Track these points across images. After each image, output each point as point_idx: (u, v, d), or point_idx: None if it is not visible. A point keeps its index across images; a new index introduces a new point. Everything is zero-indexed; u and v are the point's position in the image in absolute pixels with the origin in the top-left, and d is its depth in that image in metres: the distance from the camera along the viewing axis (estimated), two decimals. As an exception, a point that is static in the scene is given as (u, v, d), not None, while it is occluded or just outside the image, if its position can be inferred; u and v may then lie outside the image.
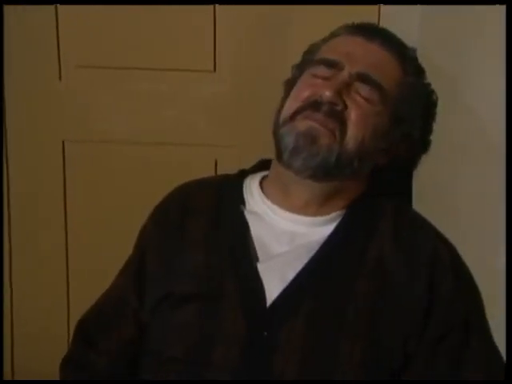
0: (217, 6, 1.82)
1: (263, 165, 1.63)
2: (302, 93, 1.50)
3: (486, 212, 1.51)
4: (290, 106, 1.51)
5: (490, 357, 1.46)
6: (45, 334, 1.96)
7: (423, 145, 1.62)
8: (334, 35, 1.59)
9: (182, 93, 1.87)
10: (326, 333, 1.39)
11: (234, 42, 1.85)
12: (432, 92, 1.60)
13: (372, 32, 1.55)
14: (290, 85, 1.58)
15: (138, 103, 1.89)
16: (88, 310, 1.60)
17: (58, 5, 1.83)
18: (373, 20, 1.74)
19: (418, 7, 1.66)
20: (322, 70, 1.50)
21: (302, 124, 1.46)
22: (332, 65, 1.50)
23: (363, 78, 1.48)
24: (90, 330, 1.57)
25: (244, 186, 1.59)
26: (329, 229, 1.50)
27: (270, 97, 1.58)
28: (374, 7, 1.78)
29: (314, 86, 1.49)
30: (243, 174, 1.63)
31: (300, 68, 1.59)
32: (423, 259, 1.46)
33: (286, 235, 1.50)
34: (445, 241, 1.53)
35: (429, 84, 1.60)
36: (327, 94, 1.45)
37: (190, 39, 1.84)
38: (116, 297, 1.58)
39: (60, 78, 1.88)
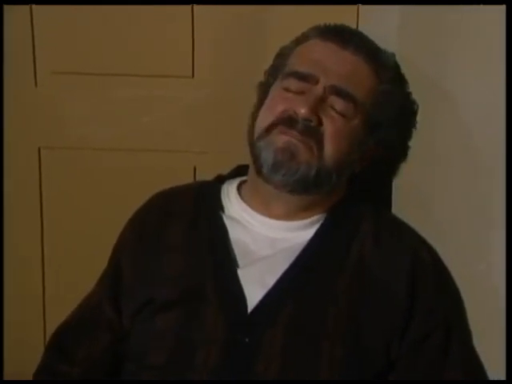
0: (195, 10, 1.79)
1: (240, 170, 1.63)
2: (275, 107, 1.48)
3: (468, 216, 1.50)
4: (265, 118, 1.49)
5: (469, 361, 1.46)
6: (20, 344, 1.93)
7: (402, 151, 1.61)
8: (305, 38, 1.56)
9: (160, 99, 1.85)
10: (307, 337, 1.39)
11: (213, 47, 1.82)
12: (410, 98, 1.58)
13: (345, 37, 1.52)
14: (263, 91, 1.56)
15: (116, 109, 1.86)
16: (63, 321, 1.59)
17: (34, 9, 1.80)
18: (351, 20, 1.73)
19: (397, 7, 1.65)
20: (295, 84, 1.48)
21: (280, 139, 1.45)
22: (305, 78, 1.47)
23: (337, 92, 1.46)
24: (64, 341, 1.56)
25: (222, 191, 1.58)
26: (309, 233, 1.50)
27: (250, 103, 1.57)
28: (353, 7, 1.75)
29: (288, 100, 1.47)
30: (220, 180, 1.62)
31: (272, 74, 1.56)
32: (404, 261, 1.47)
33: (265, 240, 1.50)
34: (425, 243, 1.54)
35: (406, 91, 1.58)
36: (302, 111, 1.43)
37: (168, 44, 1.82)
38: (90, 306, 1.58)
39: (36, 84, 1.85)
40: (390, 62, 1.57)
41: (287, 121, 1.45)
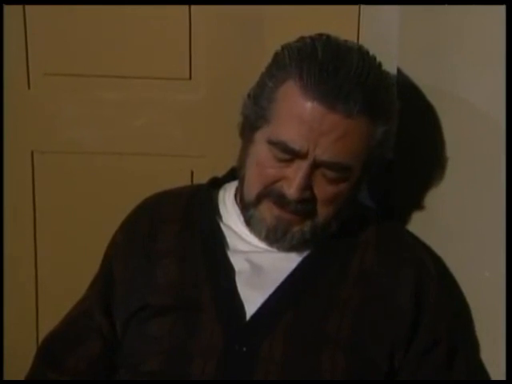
0: (193, 10, 1.76)
1: (236, 173, 1.58)
2: (263, 175, 1.41)
3: (471, 222, 1.49)
4: (253, 185, 1.43)
5: (474, 370, 1.46)
6: (13, 346, 1.92)
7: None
8: (285, 73, 1.40)
9: (156, 101, 1.82)
10: (307, 347, 1.36)
11: (211, 48, 1.80)
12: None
13: (332, 95, 1.34)
14: (246, 139, 1.48)
15: (111, 112, 1.83)
16: (53, 328, 1.57)
17: (27, 11, 1.77)
18: (353, 20, 1.71)
19: (399, 7, 1.64)
20: (282, 155, 1.38)
21: (271, 213, 1.42)
22: (293, 152, 1.37)
23: (328, 166, 1.37)
24: (54, 349, 1.54)
25: (219, 197, 1.56)
26: (310, 243, 1.46)
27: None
28: (354, 7, 1.72)
29: (276, 168, 1.40)
30: (216, 183, 1.59)
31: (254, 116, 1.45)
32: (408, 270, 1.44)
33: (263, 251, 1.47)
34: (429, 252, 1.53)
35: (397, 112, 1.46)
36: (291, 191, 1.37)
37: (165, 46, 1.79)
38: (81, 313, 1.55)
39: (29, 86, 1.83)
40: (386, 98, 1.41)
41: (277, 198, 1.40)
